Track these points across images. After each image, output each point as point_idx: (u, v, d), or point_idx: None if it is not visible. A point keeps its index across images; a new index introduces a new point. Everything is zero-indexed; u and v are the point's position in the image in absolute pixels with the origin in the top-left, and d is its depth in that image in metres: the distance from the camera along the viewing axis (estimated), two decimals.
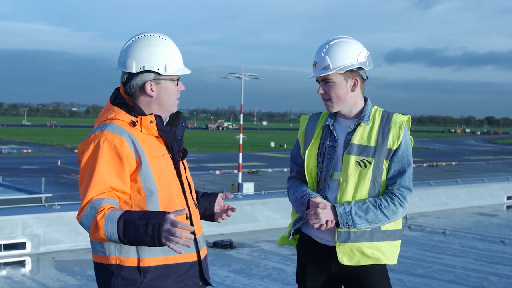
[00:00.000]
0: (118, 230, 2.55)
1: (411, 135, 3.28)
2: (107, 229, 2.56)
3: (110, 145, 2.67)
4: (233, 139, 67.87)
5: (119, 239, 2.57)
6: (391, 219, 3.15)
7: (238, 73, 46.66)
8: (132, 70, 2.79)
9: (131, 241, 2.58)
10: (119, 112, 2.79)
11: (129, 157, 2.69)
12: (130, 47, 2.82)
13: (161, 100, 2.83)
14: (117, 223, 2.56)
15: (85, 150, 2.71)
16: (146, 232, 2.52)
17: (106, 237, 2.58)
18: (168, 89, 2.84)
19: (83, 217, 2.62)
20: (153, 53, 2.79)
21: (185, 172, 2.95)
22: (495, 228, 12.00)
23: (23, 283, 7.18)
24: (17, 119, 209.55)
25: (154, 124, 2.79)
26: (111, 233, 2.56)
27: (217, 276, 7.51)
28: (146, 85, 2.79)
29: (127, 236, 2.55)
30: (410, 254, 9.08)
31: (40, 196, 19.05)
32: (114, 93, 2.87)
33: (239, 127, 45.54)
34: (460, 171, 52.17)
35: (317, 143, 3.30)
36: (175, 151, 2.88)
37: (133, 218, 2.56)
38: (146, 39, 2.83)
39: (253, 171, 49.56)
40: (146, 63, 2.78)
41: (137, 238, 2.55)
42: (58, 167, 50.46)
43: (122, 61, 2.82)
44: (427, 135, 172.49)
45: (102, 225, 2.56)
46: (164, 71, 2.80)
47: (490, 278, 7.80)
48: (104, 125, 2.76)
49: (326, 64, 3.16)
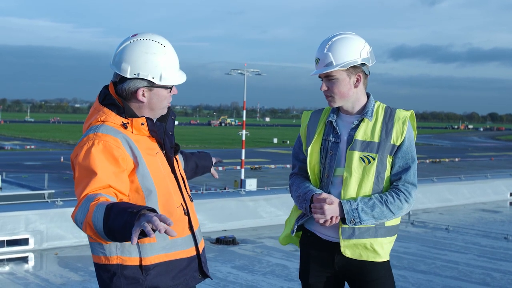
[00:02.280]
0: (105, 213, 2.37)
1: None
2: (95, 214, 2.39)
3: (105, 146, 2.62)
4: (235, 135, 67.94)
5: (103, 224, 2.36)
6: (396, 215, 3.15)
7: (241, 69, 46.66)
8: (126, 75, 2.71)
9: (110, 227, 2.35)
10: (109, 114, 2.73)
11: (125, 159, 2.65)
12: (126, 49, 2.73)
13: (152, 105, 2.78)
14: (105, 206, 2.39)
15: (79, 152, 2.64)
16: (123, 217, 2.31)
17: (92, 224, 2.40)
18: (160, 96, 2.78)
19: (78, 213, 2.49)
20: (149, 60, 2.70)
21: (178, 167, 2.95)
22: (498, 225, 11.97)
23: (26, 279, 7.19)
24: (20, 115, 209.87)
25: (145, 126, 2.76)
26: (97, 218, 2.37)
27: (220, 273, 7.51)
28: (139, 91, 2.73)
29: (109, 218, 2.35)
30: (413, 251, 9.07)
31: (43, 192, 19.12)
32: (103, 92, 2.80)
33: (242, 124, 45.56)
34: (463, 167, 52.14)
35: (319, 139, 3.29)
36: (168, 147, 2.87)
37: (123, 204, 2.40)
38: (145, 44, 2.72)
39: (255, 167, 49.62)
40: (141, 71, 2.70)
41: (116, 223, 2.33)
42: (61, 163, 50.55)
43: (117, 61, 2.74)
44: (430, 131, 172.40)
45: (92, 211, 2.41)
46: (159, 81, 2.73)
47: (493, 274, 7.79)
48: (96, 126, 2.70)
49: (329, 61, 3.15)
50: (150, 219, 2.23)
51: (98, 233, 2.42)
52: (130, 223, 2.27)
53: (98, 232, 2.41)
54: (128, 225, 2.27)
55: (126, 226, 2.28)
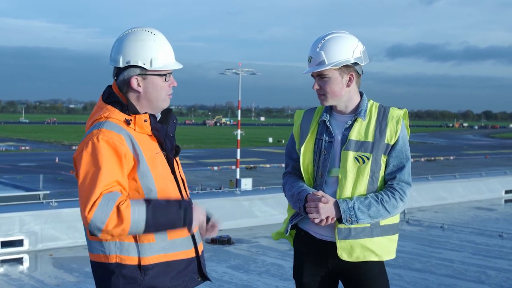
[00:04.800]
0: (148, 216, 2.58)
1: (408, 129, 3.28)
2: (134, 217, 2.56)
3: (109, 143, 2.63)
4: (231, 135, 67.88)
5: (146, 226, 2.59)
6: (392, 214, 3.16)
7: (235, 69, 46.62)
8: (119, 65, 2.76)
9: (159, 226, 2.63)
10: (113, 110, 2.76)
11: (127, 156, 2.67)
12: (119, 42, 2.80)
13: (149, 95, 2.79)
14: (146, 208, 2.59)
15: (84, 148, 2.65)
16: (179, 214, 2.66)
17: (130, 227, 2.57)
18: (156, 84, 2.80)
19: (98, 212, 2.53)
20: (139, 47, 2.75)
21: (178, 169, 2.95)
22: (493, 222, 12.00)
23: (21, 280, 7.17)
24: (15, 116, 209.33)
25: (148, 123, 2.77)
26: (139, 221, 2.57)
27: (215, 272, 7.51)
28: (132, 80, 2.75)
29: (156, 220, 2.60)
30: (408, 249, 9.08)
31: (38, 193, 19.06)
32: (107, 91, 2.84)
33: (237, 123, 45.54)
34: (458, 165, 52.23)
35: (313, 138, 3.28)
36: (168, 148, 2.87)
37: (162, 203, 2.66)
38: (134, 33, 2.80)
39: (251, 166, 49.62)
40: (131, 58, 2.75)
41: (166, 220, 2.64)
42: (56, 164, 50.45)
43: (112, 56, 2.81)
44: (425, 130, 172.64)
45: (129, 215, 2.55)
46: (150, 66, 2.76)
47: (488, 272, 7.81)
48: (100, 123, 2.72)
49: (321, 60, 3.14)
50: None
51: (134, 232, 2.61)
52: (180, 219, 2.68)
53: (130, 233, 2.61)
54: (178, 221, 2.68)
55: (186, 220, 2.69)
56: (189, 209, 2.71)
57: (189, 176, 38.86)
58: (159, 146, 2.85)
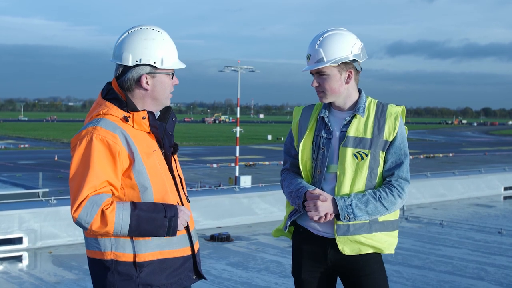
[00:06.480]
0: (131, 222, 2.61)
1: (406, 126, 3.28)
2: (118, 221, 2.60)
3: (103, 141, 2.66)
4: (230, 132, 67.84)
5: (129, 230, 2.62)
6: (390, 210, 3.16)
7: (234, 66, 46.55)
8: (128, 63, 2.77)
9: (142, 232, 2.65)
10: (112, 107, 2.77)
11: (121, 154, 2.68)
12: (126, 40, 2.81)
13: (155, 93, 2.83)
14: (131, 214, 2.62)
15: (78, 145, 2.69)
16: (163, 223, 2.67)
17: (113, 230, 2.61)
18: (163, 82, 2.84)
19: (82, 213, 2.59)
20: (149, 46, 2.78)
21: (176, 167, 2.96)
22: (492, 219, 12.02)
23: (20, 278, 7.17)
24: (14, 114, 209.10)
25: (146, 120, 2.79)
26: (122, 225, 2.61)
27: (215, 270, 7.52)
28: (142, 78, 2.78)
29: (140, 226, 2.63)
30: (408, 246, 9.09)
31: (37, 191, 19.03)
32: (106, 87, 2.85)
33: (236, 120, 45.50)
34: (457, 162, 52.22)
35: (311, 135, 3.28)
36: (166, 146, 2.89)
37: (148, 209, 2.67)
38: (143, 32, 2.82)
39: (250, 164, 49.58)
40: (142, 56, 2.77)
41: (150, 228, 2.65)
42: (55, 162, 50.40)
43: (118, 54, 2.80)
44: (424, 127, 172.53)
45: (113, 218, 2.59)
46: (161, 65, 2.80)
47: (487, 268, 7.82)
48: (96, 120, 2.74)
49: (320, 57, 3.15)
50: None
51: (114, 235, 2.67)
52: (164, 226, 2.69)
53: (115, 235, 2.67)
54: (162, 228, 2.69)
55: (170, 230, 2.70)
56: (174, 218, 2.71)
57: (188, 173, 38.87)
58: (157, 143, 2.86)
